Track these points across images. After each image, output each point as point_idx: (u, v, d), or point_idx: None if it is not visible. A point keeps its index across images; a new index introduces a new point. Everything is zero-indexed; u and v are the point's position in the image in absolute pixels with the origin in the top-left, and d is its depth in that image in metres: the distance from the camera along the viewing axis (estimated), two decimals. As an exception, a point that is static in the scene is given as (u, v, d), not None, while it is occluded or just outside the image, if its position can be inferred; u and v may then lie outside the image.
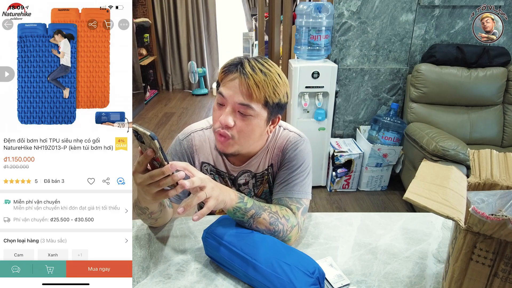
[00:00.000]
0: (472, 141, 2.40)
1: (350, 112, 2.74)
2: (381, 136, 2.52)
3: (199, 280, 0.79)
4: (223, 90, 0.85)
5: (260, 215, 0.82)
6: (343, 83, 2.63)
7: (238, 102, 0.83)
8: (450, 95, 2.42)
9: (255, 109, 0.84)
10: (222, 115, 0.84)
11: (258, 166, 0.99)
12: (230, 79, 0.84)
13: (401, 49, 2.55)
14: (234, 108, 0.84)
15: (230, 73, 0.85)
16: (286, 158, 0.95)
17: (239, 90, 0.83)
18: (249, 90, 0.82)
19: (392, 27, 2.49)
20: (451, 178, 0.64)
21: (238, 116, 0.84)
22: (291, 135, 0.98)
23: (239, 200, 0.80)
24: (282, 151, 0.97)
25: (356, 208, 2.47)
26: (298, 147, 0.95)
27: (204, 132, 0.99)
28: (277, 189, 0.95)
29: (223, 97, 0.84)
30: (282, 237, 0.84)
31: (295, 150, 0.95)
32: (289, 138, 0.97)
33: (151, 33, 5.06)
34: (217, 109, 0.87)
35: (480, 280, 0.56)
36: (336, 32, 2.51)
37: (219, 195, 0.75)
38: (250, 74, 0.82)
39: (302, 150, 0.95)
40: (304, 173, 0.94)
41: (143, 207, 0.83)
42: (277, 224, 0.83)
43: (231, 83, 0.84)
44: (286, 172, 0.94)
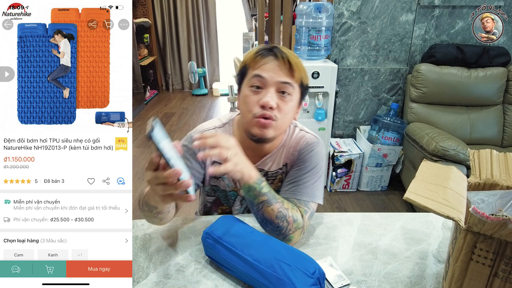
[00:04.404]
0: (472, 141, 2.40)
1: (350, 112, 2.74)
2: (381, 136, 2.52)
3: (199, 281, 0.79)
4: (261, 72, 0.86)
5: (270, 205, 0.81)
6: (343, 83, 2.63)
7: (281, 81, 0.85)
8: (450, 95, 2.42)
9: (295, 87, 0.87)
10: (264, 97, 0.85)
11: (272, 164, 0.99)
12: (266, 62, 0.86)
13: (401, 49, 2.55)
14: (276, 88, 0.86)
15: (265, 56, 0.87)
16: (301, 158, 0.95)
17: (280, 69, 0.85)
18: (292, 68, 0.86)
19: (392, 27, 2.49)
20: (451, 178, 0.64)
21: (278, 96, 0.86)
22: (308, 136, 0.98)
23: (257, 181, 0.80)
24: (298, 151, 0.96)
25: (356, 208, 2.47)
26: (314, 149, 0.95)
27: (216, 131, 0.99)
28: (285, 188, 0.94)
29: (262, 79, 0.85)
30: (283, 234, 0.84)
31: (310, 151, 0.95)
32: (306, 138, 0.97)
33: (151, 33, 5.06)
34: (253, 94, 0.87)
35: (480, 280, 0.56)
36: (336, 32, 2.51)
37: (239, 164, 0.75)
38: (289, 55, 0.86)
39: (317, 152, 0.95)
40: (315, 175, 0.93)
41: (151, 205, 0.79)
42: (283, 220, 0.83)
43: (268, 65, 0.86)
44: (298, 173, 0.93)
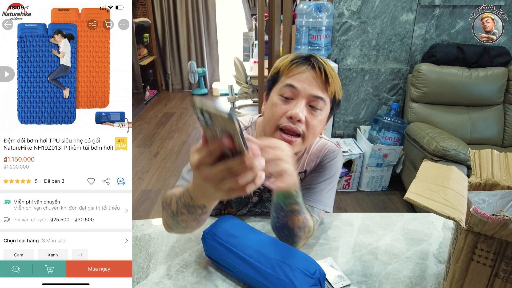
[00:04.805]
0: (473, 141, 2.40)
1: (350, 112, 2.74)
2: (381, 136, 2.52)
3: (199, 281, 0.78)
4: (294, 82, 0.80)
5: (299, 214, 0.77)
6: (343, 83, 2.63)
7: (313, 95, 0.80)
8: (451, 95, 2.42)
9: (326, 103, 0.82)
10: (292, 108, 0.79)
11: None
12: (301, 71, 0.80)
13: (402, 49, 2.55)
14: (308, 101, 0.80)
15: (301, 65, 0.81)
16: (321, 165, 0.93)
17: (314, 81, 0.80)
18: (327, 81, 0.80)
19: (393, 27, 2.49)
20: (451, 178, 0.64)
21: (307, 110, 0.80)
22: (330, 144, 0.96)
23: (297, 189, 0.73)
24: (320, 157, 0.94)
25: (357, 209, 2.47)
26: (335, 158, 0.94)
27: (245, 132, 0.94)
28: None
29: (294, 89, 0.80)
30: (293, 241, 0.81)
31: (332, 160, 0.93)
32: (328, 146, 0.95)
33: (151, 33, 5.06)
34: (282, 103, 0.81)
35: (481, 281, 0.56)
36: (336, 32, 2.50)
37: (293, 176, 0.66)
38: (326, 66, 0.80)
39: (337, 161, 0.94)
40: (331, 184, 0.92)
41: (197, 205, 0.63)
42: (302, 230, 0.80)
43: (303, 75, 0.80)
44: (316, 179, 0.91)
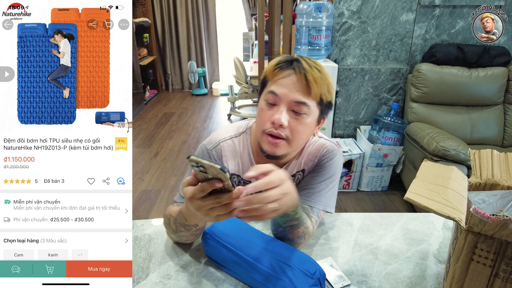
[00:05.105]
0: (473, 141, 2.40)
1: (350, 112, 2.74)
2: (381, 136, 2.52)
3: (199, 281, 0.78)
4: (275, 88, 0.80)
5: (298, 228, 0.79)
6: (343, 83, 2.63)
7: (294, 100, 0.79)
8: (451, 95, 2.42)
9: (310, 107, 0.81)
10: (275, 114, 0.80)
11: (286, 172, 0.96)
12: (283, 76, 0.80)
13: (402, 48, 2.55)
14: (288, 107, 0.80)
15: (284, 69, 0.81)
16: (320, 165, 0.92)
17: (296, 86, 0.79)
18: (308, 86, 0.79)
19: (393, 27, 2.49)
20: (451, 178, 0.64)
21: (291, 115, 0.80)
22: (328, 144, 0.95)
23: (294, 209, 0.72)
24: (318, 157, 0.93)
25: (357, 209, 2.47)
26: (334, 157, 0.93)
27: (233, 141, 0.94)
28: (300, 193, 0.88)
29: (276, 96, 0.80)
30: (294, 246, 0.82)
31: (331, 159, 0.92)
32: (326, 146, 0.94)
33: (151, 33, 5.07)
34: (267, 109, 0.82)
35: (481, 281, 0.56)
36: (336, 32, 2.50)
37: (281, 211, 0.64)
38: (308, 69, 0.79)
39: (336, 161, 0.93)
40: (331, 184, 0.92)
41: (190, 224, 0.76)
42: (302, 238, 0.82)
43: (285, 80, 0.80)
44: (315, 179, 0.91)
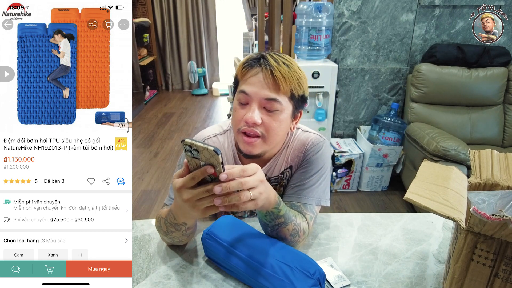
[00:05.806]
0: (473, 141, 2.40)
1: (350, 112, 2.74)
2: (381, 136, 2.52)
3: (199, 281, 0.78)
4: (245, 87, 0.81)
5: (286, 225, 0.78)
6: (343, 83, 2.63)
7: (264, 98, 0.80)
8: (451, 95, 2.42)
9: (282, 103, 0.81)
10: (247, 112, 0.80)
11: (273, 170, 0.95)
12: (252, 74, 0.81)
13: (402, 49, 2.55)
14: (260, 105, 0.80)
15: (252, 68, 0.81)
16: (306, 160, 0.91)
17: (264, 84, 0.79)
18: (276, 82, 0.79)
19: (393, 27, 2.49)
20: (451, 178, 0.64)
21: (264, 113, 0.81)
22: (313, 137, 0.93)
23: (275, 206, 0.73)
24: (303, 152, 0.92)
25: (357, 209, 2.47)
26: (320, 150, 0.91)
27: (218, 138, 0.95)
28: (290, 191, 0.91)
29: (246, 95, 0.80)
30: (292, 244, 0.82)
31: (316, 153, 0.91)
32: (311, 139, 0.93)
33: (151, 33, 5.06)
34: (240, 108, 0.83)
35: (481, 281, 0.56)
36: (336, 32, 2.50)
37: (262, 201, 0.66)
38: (275, 66, 0.79)
39: (323, 154, 0.92)
40: (321, 177, 0.90)
41: (179, 223, 0.75)
42: (295, 236, 0.81)
43: (254, 79, 0.80)
44: (304, 175, 0.90)
